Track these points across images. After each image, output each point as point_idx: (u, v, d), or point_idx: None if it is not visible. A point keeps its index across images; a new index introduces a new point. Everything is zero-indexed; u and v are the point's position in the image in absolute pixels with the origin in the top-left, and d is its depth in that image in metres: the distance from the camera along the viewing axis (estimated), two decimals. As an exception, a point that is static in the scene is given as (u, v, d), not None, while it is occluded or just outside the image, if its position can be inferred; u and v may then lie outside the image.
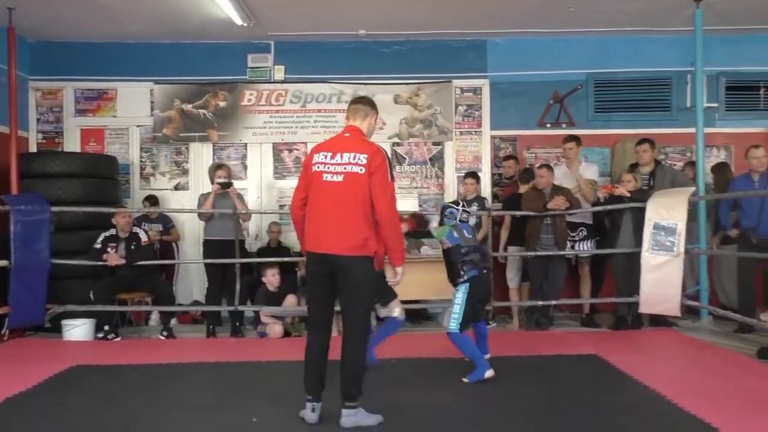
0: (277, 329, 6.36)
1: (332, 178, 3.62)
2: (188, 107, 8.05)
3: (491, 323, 6.62)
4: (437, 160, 8.19)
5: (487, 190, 7.93)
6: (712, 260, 6.94)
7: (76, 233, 6.74)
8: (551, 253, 6.53)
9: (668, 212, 6.05)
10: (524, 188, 6.95)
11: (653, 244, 6.07)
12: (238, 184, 7.50)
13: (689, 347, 5.73)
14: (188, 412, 3.98)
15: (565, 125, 8.05)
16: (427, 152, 8.18)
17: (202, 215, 6.70)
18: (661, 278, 6.04)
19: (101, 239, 6.50)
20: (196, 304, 7.56)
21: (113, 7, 6.87)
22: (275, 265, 6.68)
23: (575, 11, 7.12)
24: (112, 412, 3.97)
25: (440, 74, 8.09)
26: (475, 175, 7.33)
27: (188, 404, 4.13)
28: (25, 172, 6.87)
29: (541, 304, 6.56)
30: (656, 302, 6.10)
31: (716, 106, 7.94)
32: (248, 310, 6.76)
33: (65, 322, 6.34)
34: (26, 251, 6.09)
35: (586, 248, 6.78)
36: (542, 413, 3.87)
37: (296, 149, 8.12)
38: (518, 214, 6.74)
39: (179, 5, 6.84)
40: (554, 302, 6.66)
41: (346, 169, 3.60)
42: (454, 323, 4.64)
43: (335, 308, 3.80)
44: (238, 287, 6.48)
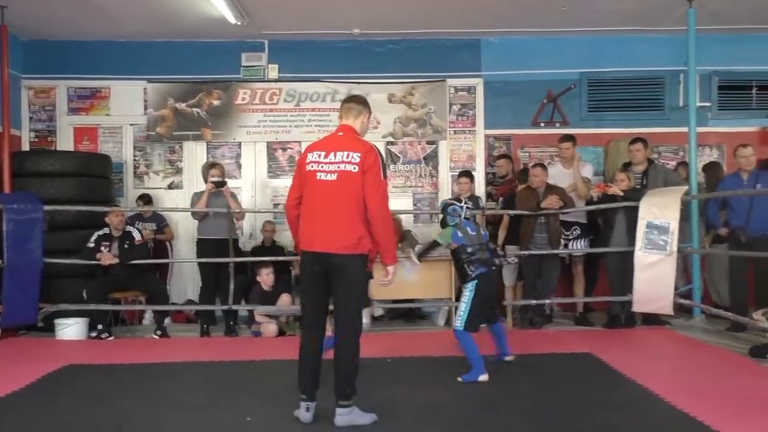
0: (271, 328, 6.36)
1: (326, 177, 3.62)
2: (182, 106, 8.03)
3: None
4: (431, 159, 8.19)
5: (481, 189, 7.94)
6: (704, 259, 6.97)
7: (69, 232, 6.72)
8: (545, 252, 6.55)
9: (661, 211, 6.07)
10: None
11: (646, 242, 6.09)
12: (232, 182, 7.48)
13: (682, 345, 5.75)
14: (182, 411, 3.97)
15: (558, 124, 8.07)
16: (421, 151, 8.19)
17: (195, 214, 6.68)
18: (654, 277, 6.06)
19: (94, 238, 6.48)
20: (190, 303, 7.54)
21: (106, 5, 6.84)
22: (270, 264, 6.68)
23: (569, 11, 7.14)
24: (105, 411, 3.96)
25: (434, 73, 8.09)
26: (469, 174, 7.34)
27: (182, 403, 4.13)
28: (17, 170, 6.84)
29: (535, 303, 6.57)
30: (649, 301, 6.13)
31: (709, 105, 7.97)
32: (242, 309, 6.75)
33: (58, 321, 6.32)
34: (19, 250, 6.08)
35: (579, 247, 6.80)
36: (536, 411, 3.89)
37: (290, 148, 8.11)
38: (512, 213, 6.76)
39: (173, 4, 6.82)
40: (548, 301, 6.69)
41: (339, 167, 3.60)
42: (459, 321, 4.63)
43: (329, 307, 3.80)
44: (232, 286, 6.48)
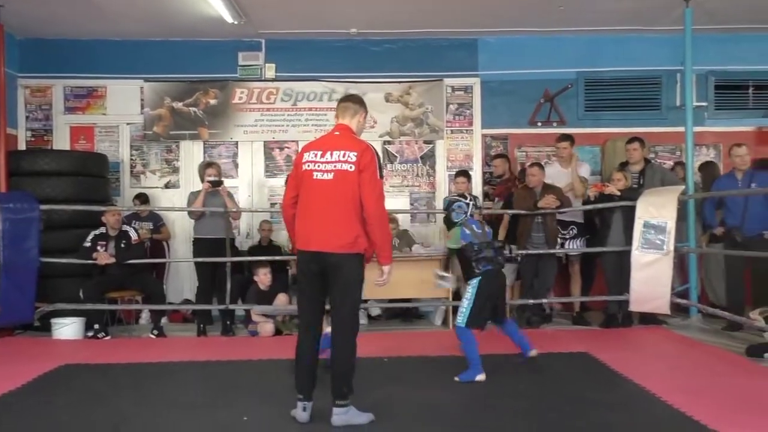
0: (268, 328, 6.35)
1: (322, 176, 3.61)
2: (179, 105, 8.02)
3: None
4: (428, 158, 8.19)
5: (478, 188, 7.94)
6: (701, 258, 6.98)
7: (65, 231, 6.71)
8: (542, 251, 6.56)
9: (658, 211, 6.08)
10: None
11: (643, 242, 6.09)
12: (228, 182, 7.49)
13: (679, 345, 5.76)
14: (179, 411, 3.97)
15: (555, 124, 8.08)
16: (418, 151, 8.19)
17: (192, 213, 6.67)
18: (651, 276, 6.06)
19: (91, 237, 6.47)
20: (186, 302, 7.53)
21: (103, 4, 6.83)
22: (267, 264, 6.67)
23: (566, 10, 7.14)
24: (101, 411, 3.96)
25: (431, 73, 8.09)
26: (466, 173, 7.33)
27: (179, 403, 4.12)
28: (13, 170, 6.81)
29: (532, 302, 6.58)
30: (646, 300, 6.13)
31: (705, 105, 7.98)
32: (239, 308, 6.74)
33: (54, 320, 6.31)
34: (15, 249, 6.06)
35: (576, 246, 6.81)
36: (533, 411, 3.89)
37: (287, 147, 8.10)
38: (509, 212, 6.76)
39: (170, 3, 6.81)
40: (545, 300, 6.70)
41: (336, 167, 3.60)
42: (461, 317, 4.60)
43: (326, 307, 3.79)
44: (229, 286, 6.47)
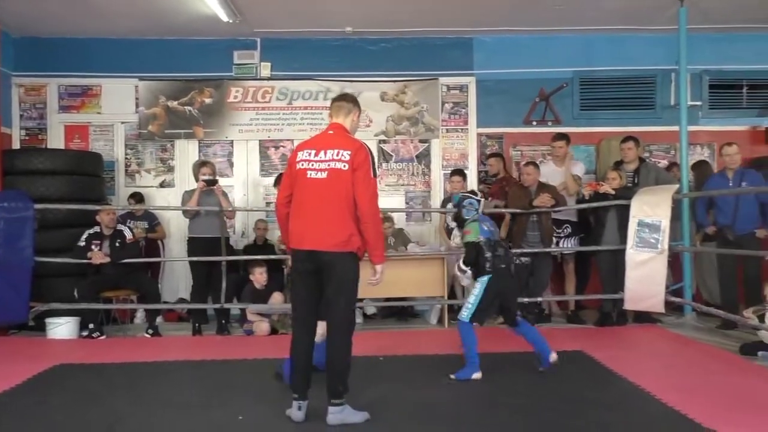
0: (263, 327, 6.35)
1: (316, 175, 3.62)
2: (174, 104, 8.00)
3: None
4: (424, 157, 8.19)
5: (473, 187, 7.93)
6: (695, 257, 7.01)
7: (60, 231, 6.69)
8: (537, 250, 6.57)
9: (652, 209, 6.10)
10: None
11: (638, 241, 6.11)
12: (224, 181, 7.48)
13: (673, 343, 5.78)
14: (174, 410, 3.96)
15: (550, 123, 8.09)
16: (413, 149, 8.19)
17: (186, 212, 6.66)
18: (645, 275, 6.08)
19: (85, 237, 6.45)
20: (181, 301, 7.52)
21: (98, 2, 6.81)
22: (263, 263, 6.66)
23: (561, 10, 7.15)
24: (96, 410, 3.95)
25: (427, 72, 8.09)
26: (461, 172, 7.35)
27: (174, 402, 4.11)
28: (8, 169, 6.79)
29: (527, 300, 6.59)
30: (641, 299, 6.15)
31: (700, 104, 8.00)
32: (234, 307, 6.73)
33: (49, 320, 6.29)
34: (9, 249, 6.05)
35: (570, 245, 6.82)
36: (528, 409, 3.89)
37: (282, 146, 8.09)
38: (504, 211, 6.77)
39: (165, 1, 6.80)
40: (540, 299, 6.71)
41: (330, 165, 3.60)
42: (466, 312, 4.57)
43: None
44: (224, 285, 6.46)
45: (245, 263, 6.94)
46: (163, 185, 8.10)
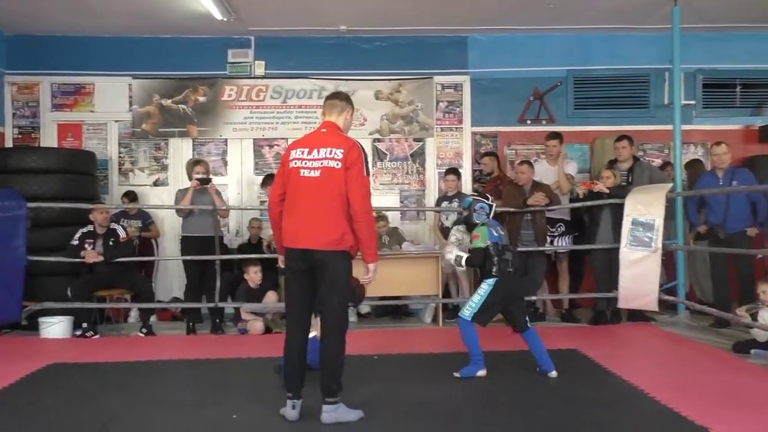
0: (257, 326, 6.34)
1: (309, 173, 3.61)
2: (167, 102, 7.98)
3: None
4: (418, 156, 8.19)
5: (468, 186, 7.95)
6: (689, 256, 7.03)
7: (53, 229, 6.65)
8: (531, 249, 6.57)
9: (646, 208, 6.12)
10: None
11: (631, 239, 6.13)
12: (218, 180, 7.47)
13: (667, 342, 5.80)
14: (168, 409, 3.95)
15: (545, 122, 8.10)
16: (408, 148, 8.19)
17: (180, 211, 6.64)
18: (639, 273, 6.10)
19: (78, 235, 6.42)
20: (175, 300, 7.50)
21: (91, 0, 6.78)
22: (257, 262, 6.65)
23: (555, 8, 7.16)
24: (90, 409, 3.94)
25: (421, 70, 8.09)
26: (456, 171, 7.35)
27: (167, 402, 4.11)
28: (0, 167, 6.76)
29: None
30: (634, 297, 6.17)
31: (693, 103, 8.03)
32: (228, 306, 6.72)
33: (42, 319, 6.26)
34: (2, 248, 6.02)
35: (564, 244, 6.84)
36: (522, 407, 3.91)
37: (277, 145, 8.08)
38: (499, 210, 6.77)
39: (158, -1, 6.79)
40: (534, 297, 6.72)
41: (323, 164, 3.60)
42: (468, 311, 4.55)
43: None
44: (218, 284, 6.45)
45: (239, 262, 6.93)
46: (156, 184, 8.07)
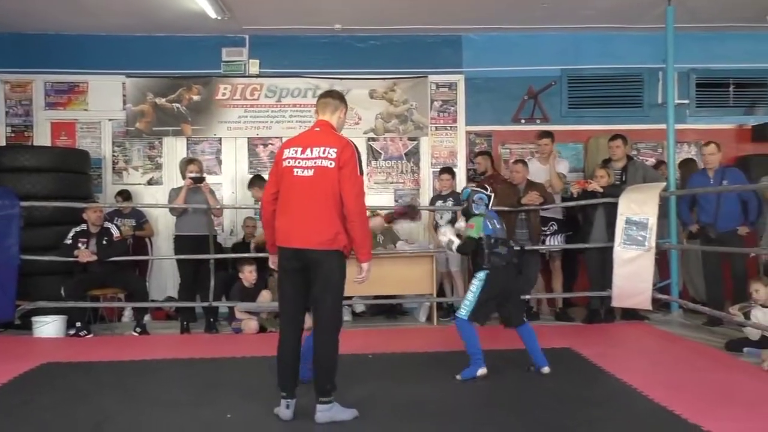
0: (252, 325, 6.33)
1: (303, 172, 3.60)
2: (161, 101, 7.96)
3: None
4: (413, 155, 8.20)
5: (462, 185, 7.94)
6: (682, 255, 7.05)
7: (46, 228, 6.63)
8: (526, 248, 6.57)
9: (640, 207, 6.14)
10: None
11: (625, 238, 6.15)
12: (212, 179, 7.45)
13: (660, 340, 5.82)
14: (162, 408, 3.95)
15: (539, 121, 8.11)
16: (402, 147, 8.19)
17: (173, 210, 6.63)
18: (633, 272, 6.12)
19: (72, 234, 6.40)
20: (170, 300, 7.48)
21: (84, -2, 6.78)
22: (252, 261, 6.64)
23: (549, 8, 7.17)
24: (84, 409, 3.93)
25: (416, 69, 8.09)
26: (450, 170, 7.36)
27: (162, 401, 4.10)
28: (-7, 166, 6.75)
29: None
30: (628, 296, 6.19)
31: (687, 102, 8.06)
32: (223, 305, 6.71)
33: (36, 319, 6.24)
34: (-5, 247, 6.00)
35: (555, 243, 6.85)
36: (516, 406, 3.91)
37: (271, 144, 8.07)
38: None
39: (152, -2, 6.77)
40: (528, 297, 6.72)
41: (316, 163, 3.59)
42: (464, 310, 4.53)
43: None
44: (212, 283, 6.44)
45: (234, 261, 6.92)
46: (150, 183, 8.06)
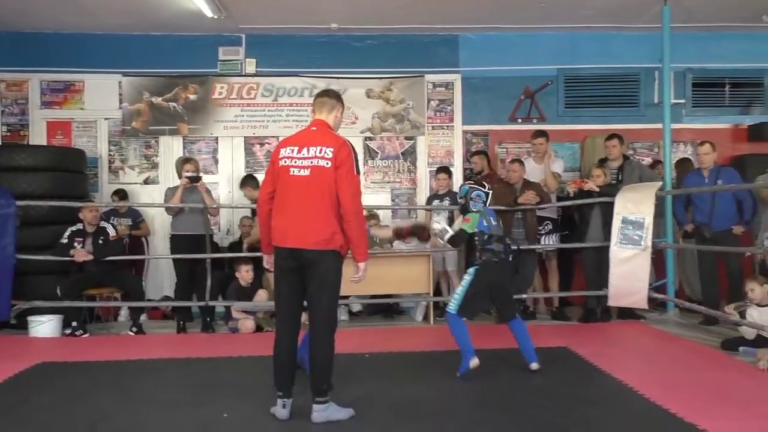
0: (248, 324, 6.33)
1: (299, 172, 3.60)
2: (158, 100, 7.94)
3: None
4: (409, 154, 8.20)
5: (458, 185, 7.93)
6: (678, 254, 7.07)
7: (42, 228, 6.62)
8: (523, 247, 6.58)
9: (636, 206, 6.15)
10: None
11: (621, 238, 6.16)
12: (209, 178, 7.44)
13: (656, 339, 5.83)
14: (158, 408, 3.94)
15: (535, 120, 8.12)
16: (399, 147, 8.19)
17: (169, 209, 6.62)
18: (629, 271, 6.13)
19: (68, 234, 6.39)
20: (166, 299, 7.48)
21: (80, -3, 6.76)
22: (249, 260, 6.64)
23: (546, 7, 7.17)
24: (80, 408, 3.92)
25: (412, 69, 8.09)
26: (447, 169, 7.37)
27: (158, 401, 4.09)
28: (-11, 165, 6.73)
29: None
30: (624, 295, 6.20)
31: (683, 102, 8.08)
32: (219, 305, 6.71)
33: (31, 318, 6.23)
34: (-9, 246, 5.98)
35: (551, 242, 6.86)
36: (512, 406, 3.92)
37: (268, 143, 8.06)
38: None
39: (148, -4, 6.76)
40: (524, 296, 6.74)
41: (312, 163, 3.59)
42: (453, 304, 4.56)
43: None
44: (209, 282, 6.43)
45: (230, 261, 6.91)
46: (147, 182, 8.04)
